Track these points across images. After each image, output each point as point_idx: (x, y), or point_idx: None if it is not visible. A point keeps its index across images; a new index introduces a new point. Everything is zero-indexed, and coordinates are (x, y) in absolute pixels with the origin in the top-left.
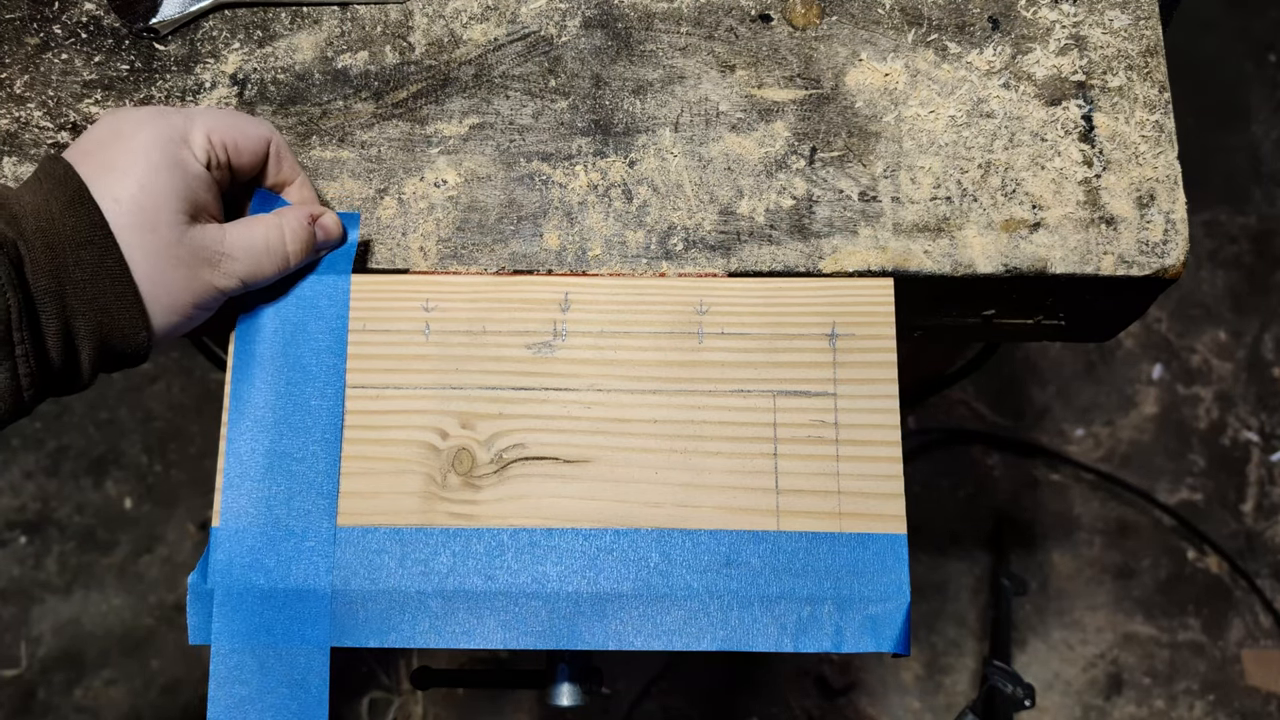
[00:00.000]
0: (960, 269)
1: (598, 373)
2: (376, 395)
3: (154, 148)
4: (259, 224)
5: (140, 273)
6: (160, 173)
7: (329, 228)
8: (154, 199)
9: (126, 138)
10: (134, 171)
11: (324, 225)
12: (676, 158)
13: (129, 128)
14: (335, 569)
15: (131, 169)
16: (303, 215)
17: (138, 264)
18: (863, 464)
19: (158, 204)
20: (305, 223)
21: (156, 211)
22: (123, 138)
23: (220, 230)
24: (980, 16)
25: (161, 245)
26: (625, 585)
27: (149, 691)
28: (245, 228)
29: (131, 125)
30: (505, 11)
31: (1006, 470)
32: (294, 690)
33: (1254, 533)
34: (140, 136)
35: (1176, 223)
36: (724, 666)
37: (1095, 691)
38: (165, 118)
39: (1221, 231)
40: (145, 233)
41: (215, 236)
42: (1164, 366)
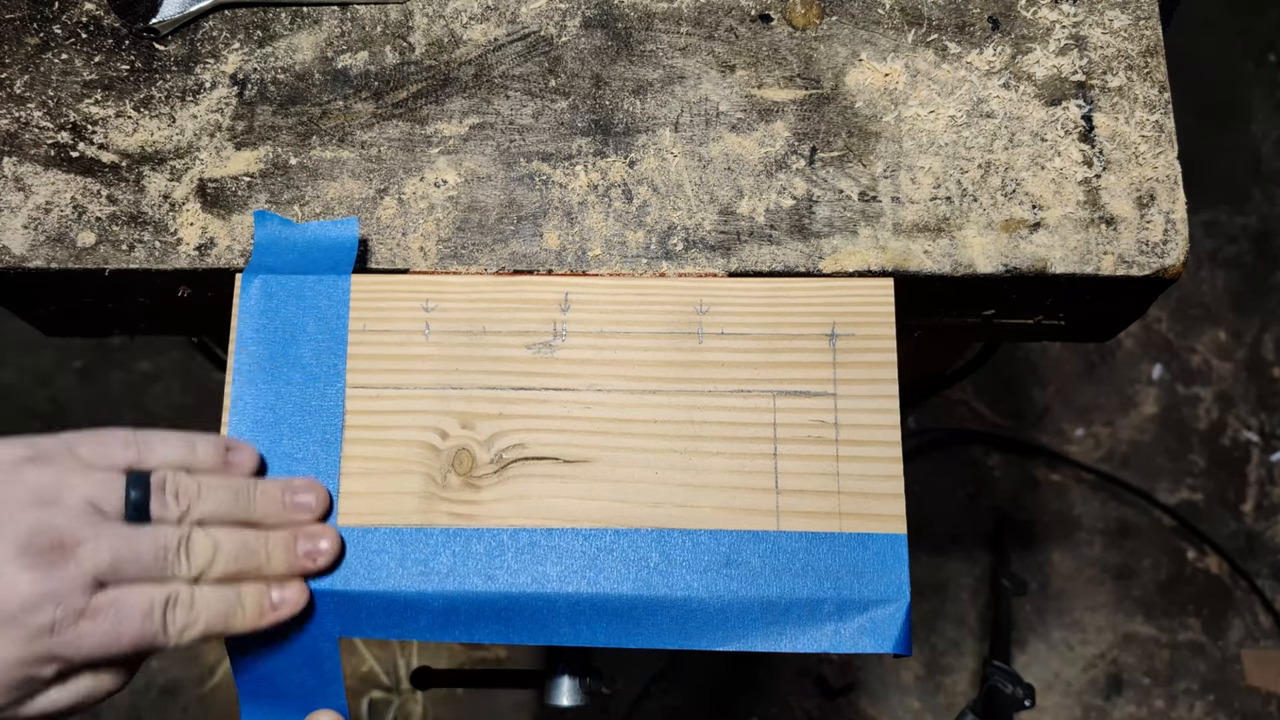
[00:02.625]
0: (960, 269)
1: (598, 373)
2: (376, 395)
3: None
4: (63, 691)
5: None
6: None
7: (291, 600)
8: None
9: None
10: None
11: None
12: (676, 158)
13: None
14: (335, 569)
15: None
16: (114, 671)
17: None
18: (863, 464)
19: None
20: (118, 675)
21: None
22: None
23: (16, 709)
24: (980, 16)
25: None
26: (625, 585)
27: (149, 691)
28: (48, 698)
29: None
30: (505, 11)
31: (1006, 470)
32: (311, 669)
33: (1254, 533)
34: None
35: (1176, 223)
36: (724, 666)
37: (1095, 691)
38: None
39: (1221, 231)
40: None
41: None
42: (1164, 366)
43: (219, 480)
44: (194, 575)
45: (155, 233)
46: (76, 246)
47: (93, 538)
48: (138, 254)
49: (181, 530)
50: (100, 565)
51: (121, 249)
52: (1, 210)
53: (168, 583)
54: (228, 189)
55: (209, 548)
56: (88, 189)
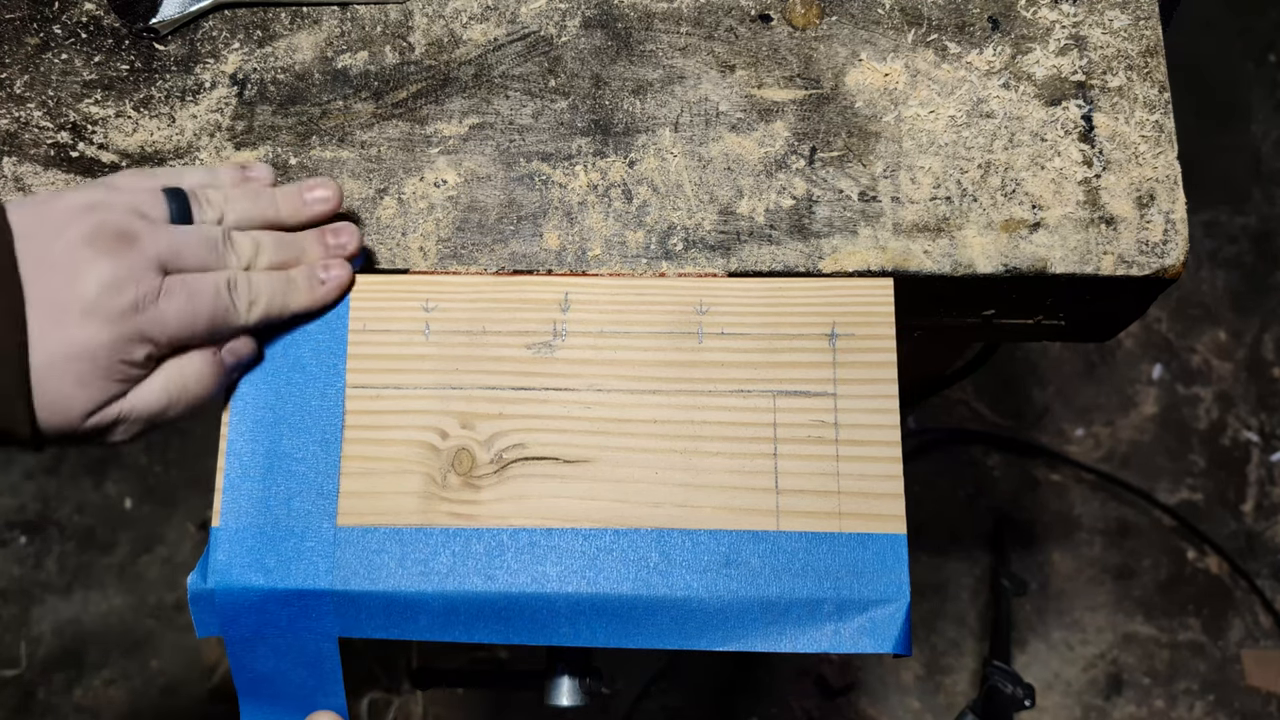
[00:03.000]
0: (960, 269)
1: (598, 373)
2: (376, 395)
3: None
4: (157, 379)
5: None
6: (103, 331)
7: (239, 350)
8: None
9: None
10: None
11: (233, 350)
12: (676, 158)
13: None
14: (335, 569)
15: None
16: (204, 354)
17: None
18: (863, 464)
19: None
20: (208, 359)
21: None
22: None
23: (120, 404)
24: (980, 16)
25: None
26: (625, 585)
27: (149, 691)
28: (143, 391)
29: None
30: (505, 11)
31: (1006, 470)
32: (310, 669)
33: (1254, 533)
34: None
35: (1176, 223)
36: (724, 666)
37: (1095, 691)
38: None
39: (1221, 231)
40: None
41: (115, 409)
42: (1164, 366)
43: (243, 189)
44: (244, 265)
45: None
46: None
47: (149, 231)
48: None
49: (223, 228)
50: (162, 252)
51: None
52: None
53: (224, 269)
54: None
55: (251, 243)
56: None
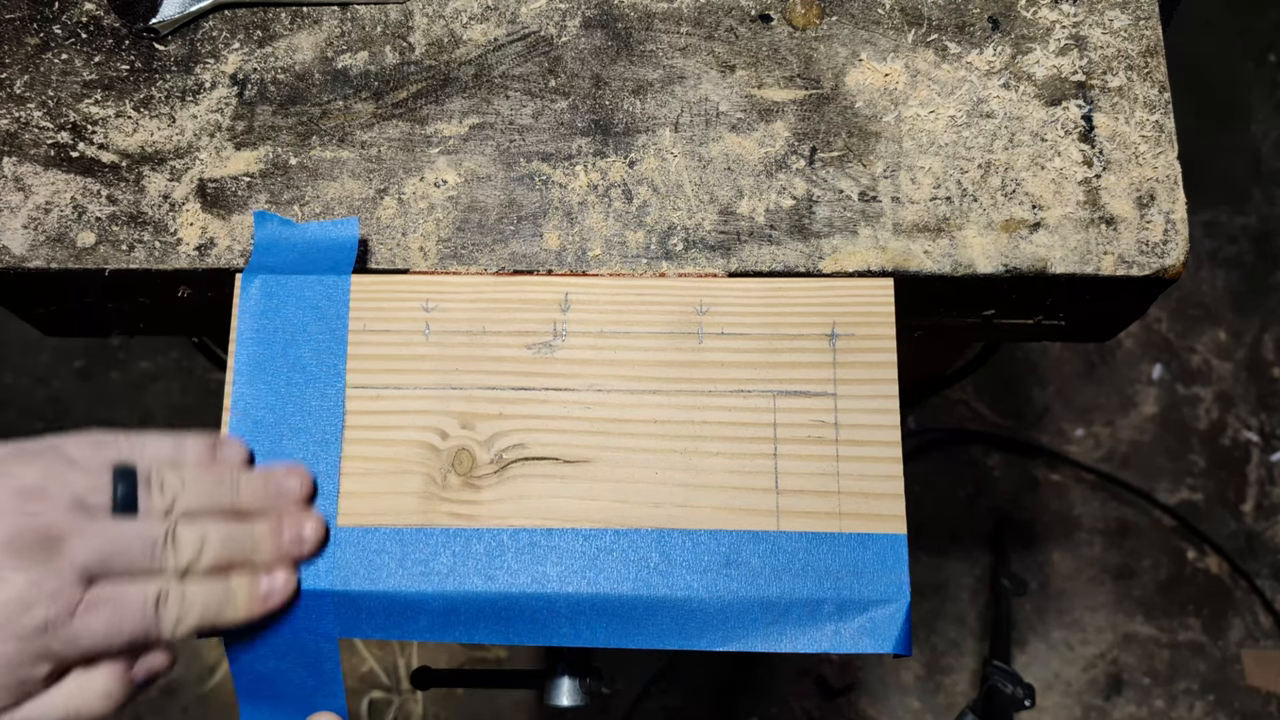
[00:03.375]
0: (960, 269)
1: (598, 373)
2: (376, 395)
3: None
4: (58, 694)
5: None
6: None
7: (154, 666)
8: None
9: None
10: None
11: (148, 666)
12: (676, 158)
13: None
14: (335, 569)
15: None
16: (113, 670)
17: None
18: (863, 464)
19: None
20: (116, 677)
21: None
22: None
23: (8, 715)
24: (980, 16)
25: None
26: (625, 585)
27: (149, 691)
28: (40, 704)
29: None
30: (505, 11)
31: (1006, 470)
32: (310, 669)
33: (1254, 533)
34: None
35: (1176, 223)
36: (724, 666)
37: (1095, 691)
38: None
39: (1221, 231)
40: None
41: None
42: (1164, 366)
43: (204, 473)
44: (183, 568)
45: (155, 233)
46: (76, 246)
47: (80, 532)
48: (138, 254)
49: (168, 523)
50: (90, 560)
51: (121, 249)
52: (1, 210)
53: (157, 577)
54: (228, 189)
55: (196, 539)
56: (87, 189)
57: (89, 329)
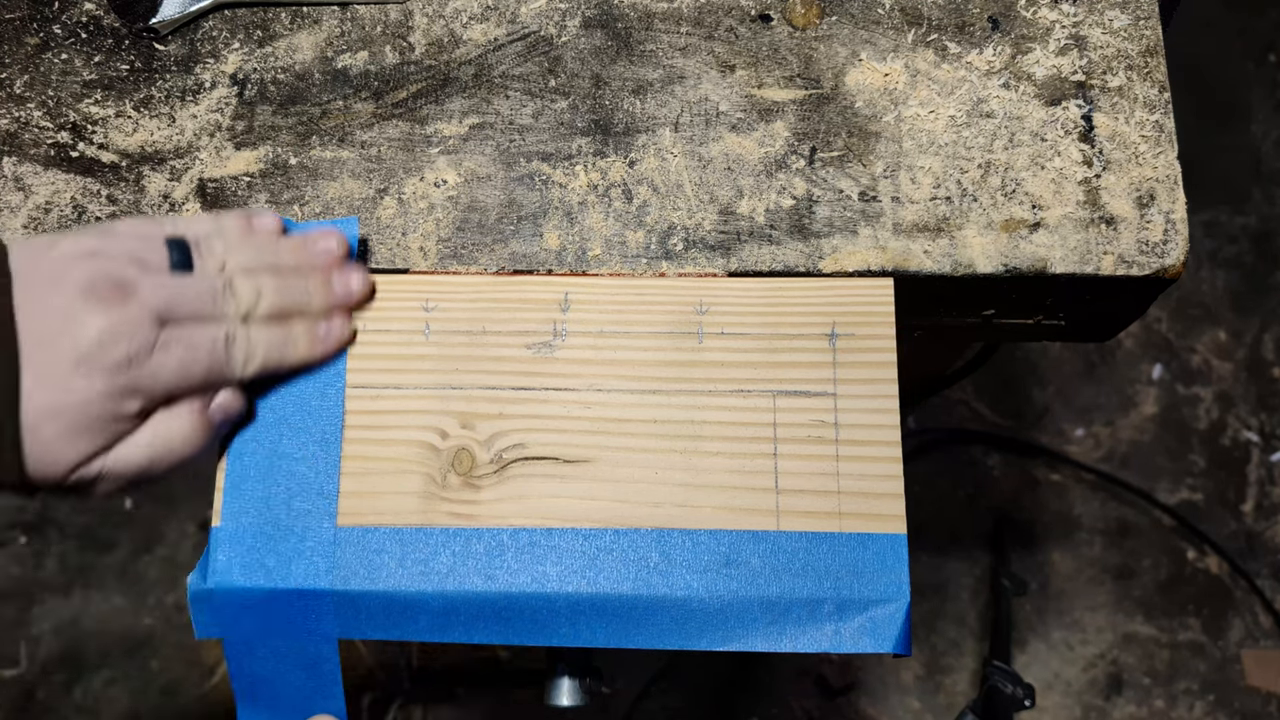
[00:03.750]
0: (960, 269)
1: (598, 373)
2: (376, 395)
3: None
4: (143, 435)
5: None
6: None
7: (228, 407)
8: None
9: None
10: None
11: (223, 407)
12: (676, 158)
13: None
14: (335, 569)
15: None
16: (192, 409)
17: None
18: (863, 464)
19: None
20: (196, 416)
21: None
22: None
23: (103, 458)
24: (980, 16)
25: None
26: (625, 585)
27: (149, 691)
28: (128, 447)
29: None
30: (505, 11)
31: (1006, 470)
32: (309, 672)
33: (1254, 533)
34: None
35: (1176, 223)
36: (724, 666)
37: (1095, 691)
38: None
39: (1221, 231)
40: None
41: (98, 464)
42: (1164, 366)
43: (247, 238)
44: (244, 313)
45: None
46: None
47: (148, 281)
48: None
49: (224, 275)
50: (159, 304)
51: None
52: (1, 210)
53: (222, 321)
54: (227, 189)
55: (253, 288)
56: (87, 189)
57: None
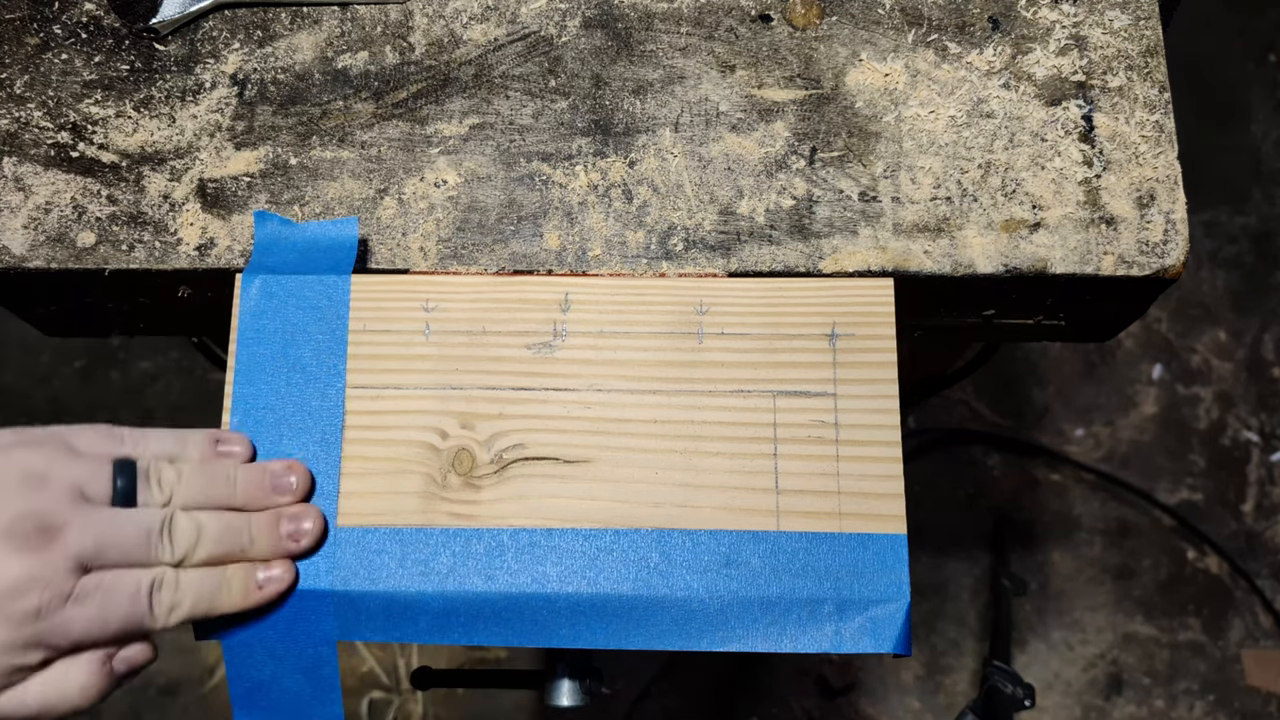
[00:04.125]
0: (960, 269)
1: (598, 373)
2: (376, 395)
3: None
4: (35, 684)
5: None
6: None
7: (134, 659)
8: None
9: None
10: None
11: (127, 659)
12: (676, 158)
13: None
14: (335, 569)
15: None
16: (94, 662)
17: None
18: (863, 464)
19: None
20: (97, 669)
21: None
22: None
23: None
24: (980, 16)
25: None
26: (625, 585)
27: (149, 691)
28: (17, 694)
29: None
30: (505, 11)
31: (1006, 470)
32: (308, 676)
33: (1254, 533)
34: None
35: (1176, 223)
36: (724, 666)
37: (1095, 691)
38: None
39: (1221, 231)
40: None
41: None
42: (1164, 366)
43: (202, 468)
44: (178, 558)
45: (155, 233)
46: (76, 246)
47: (78, 521)
48: (138, 254)
49: (165, 513)
50: (85, 548)
51: (121, 249)
52: (1, 210)
53: (152, 566)
54: (228, 189)
55: (192, 530)
56: (88, 189)
57: (89, 329)
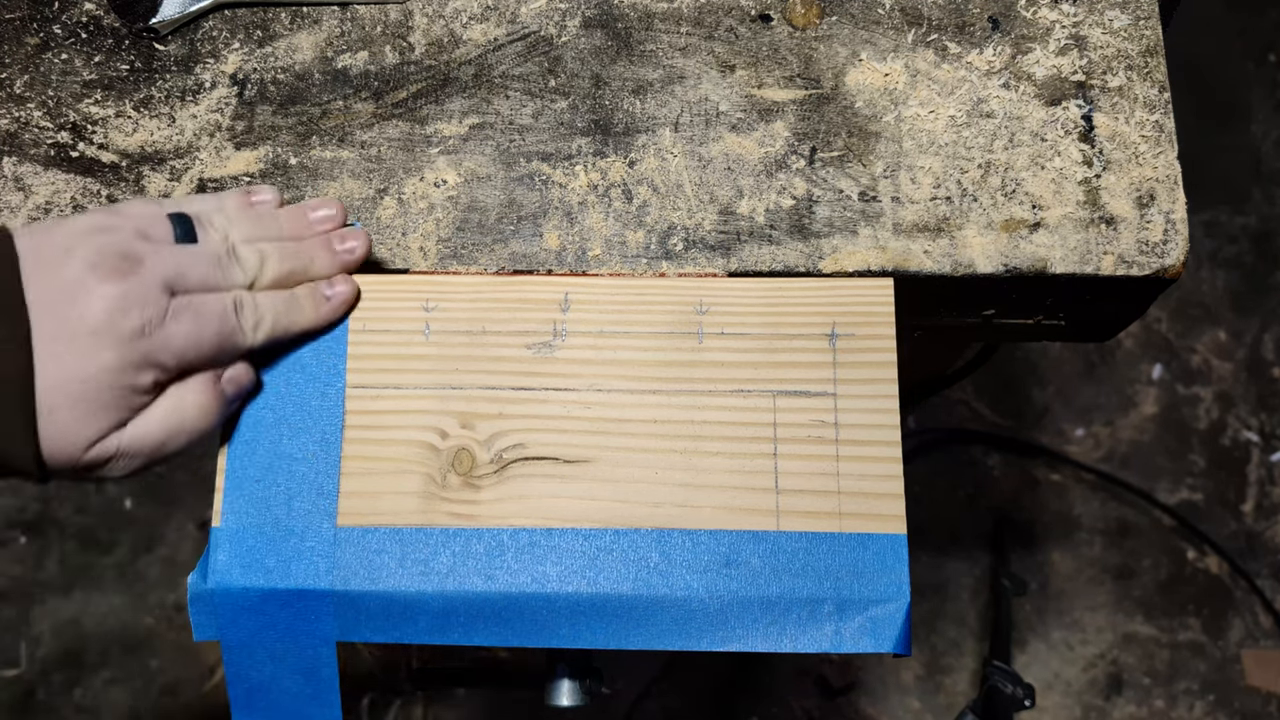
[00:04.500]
0: (960, 269)
1: (598, 373)
2: (376, 395)
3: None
4: (157, 410)
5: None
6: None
7: (239, 379)
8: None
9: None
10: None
11: (233, 379)
12: (676, 158)
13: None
14: (335, 569)
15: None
16: (204, 382)
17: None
18: (863, 464)
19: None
20: (208, 388)
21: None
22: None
23: (118, 435)
24: (980, 16)
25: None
26: (625, 585)
27: (149, 691)
28: (143, 422)
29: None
30: (505, 11)
31: (1006, 470)
32: (307, 677)
33: (1254, 533)
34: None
35: (1176, 223)
36: (724, 666)
37: (1095, 691)
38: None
39: (1221, 231)
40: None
41: (114, 441)
42: (1164, 366)
43: (246, 212)
44: (249, 280)
45: None
46: None
47: (153, 253)
48: None
49: (227, 243)
50: (169, 273)
51: None
52: (1, 210)
53: (229, 289)
54: (227, 189)
55: (255, 255)
56: (87, 189)
57: None
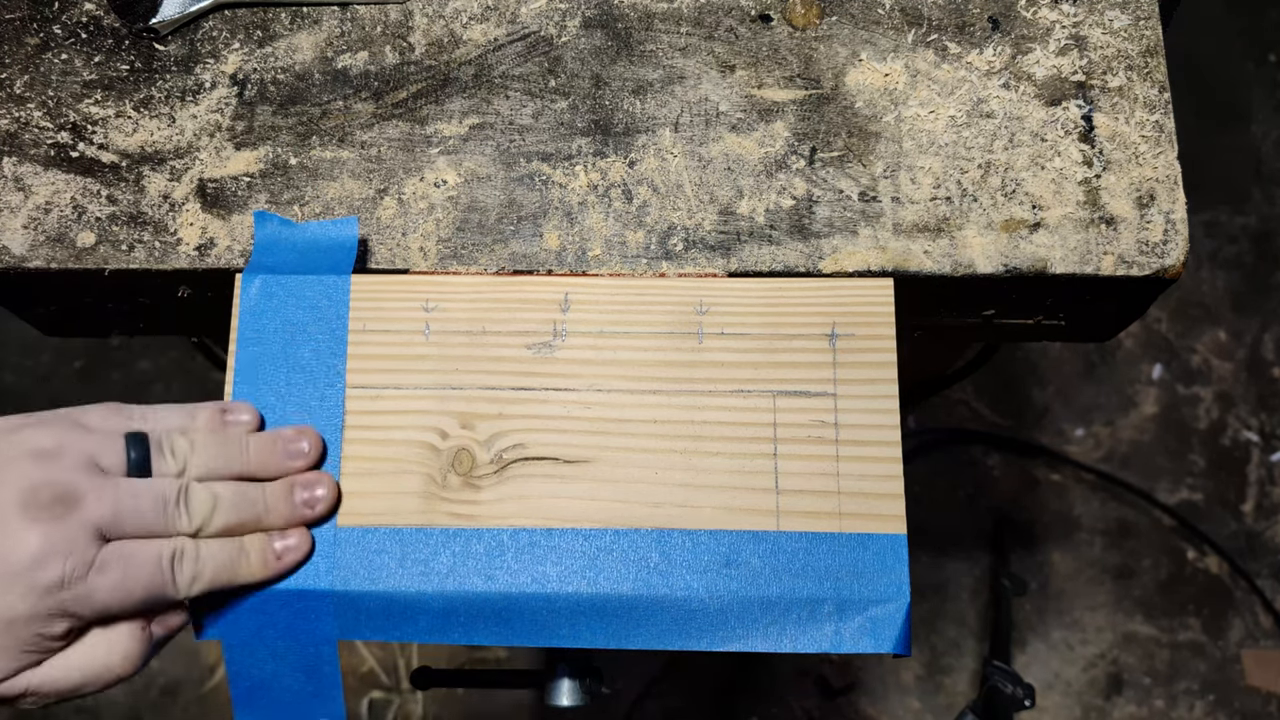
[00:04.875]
0: (960, 269)
1: (598, 373)
2: (376, 395)
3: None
4: (75, 654)
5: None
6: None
7: (170, 624)
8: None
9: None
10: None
11: (164, 623)
12: (676, 158)
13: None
14: (335, 569)
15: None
16: (131, 630)
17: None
18: (863, 464)
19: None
20: (134, 635)
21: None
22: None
23: (30, 675)
24: (980, 16)
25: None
26: (625, 585)
27: (149, 691)
28: (59, 664)
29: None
30: (505, 11)
31: (1006, 470)
32: (309, 675)
33: (1254, 533)
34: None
35: (1176, 223)
36: (724, 666)
37: (1095, 691)
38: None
39: (1221, 231)
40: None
41: (23, 681)
42: (1164, 366)
43: (213, 436)
44: (195, 528)
45: (155, 233)
46: (76, 246)
47: (94, 490)
48: (138, 254)
49: (180, 483)
50: (104, 517)
51: (121, 249)
52: (1, 210)
53: (171, 536)
54: (227, 189)
55: (209, 499)
56: (88, 189)
57: (89, 329)
